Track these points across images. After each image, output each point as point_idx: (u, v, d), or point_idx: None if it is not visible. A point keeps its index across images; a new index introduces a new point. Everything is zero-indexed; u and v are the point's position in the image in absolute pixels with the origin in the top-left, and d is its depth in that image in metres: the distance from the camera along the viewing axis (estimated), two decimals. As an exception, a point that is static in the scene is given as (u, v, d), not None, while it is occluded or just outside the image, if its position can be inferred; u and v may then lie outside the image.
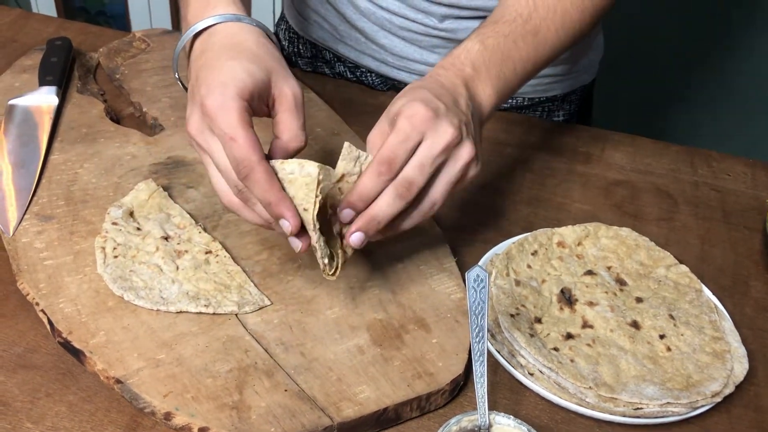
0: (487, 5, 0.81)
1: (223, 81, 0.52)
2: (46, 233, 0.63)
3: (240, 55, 0.55)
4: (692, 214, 0.79)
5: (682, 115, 2.20)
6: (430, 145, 0.53)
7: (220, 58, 0.55)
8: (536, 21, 0.64)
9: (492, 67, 0.61)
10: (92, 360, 0.53)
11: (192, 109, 0.55)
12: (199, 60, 0.56)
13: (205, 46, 0.57)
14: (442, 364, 0.56)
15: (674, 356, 0.59)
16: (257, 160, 0.51)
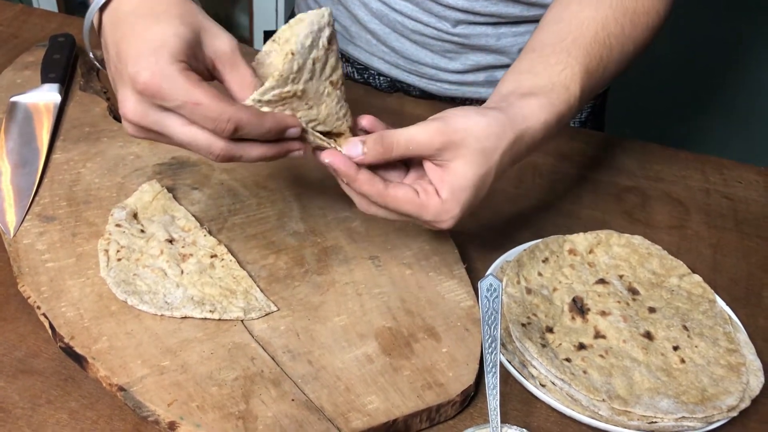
0: (501, 12, 0.80)
1: (151, 49, 0.46)
2: (47, 234, 0.62)
3: (159, 18, 0.48)
4: (704, 223, 0.77)
5: (692, 121, 2.19)
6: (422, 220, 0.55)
7: (137, 26, 0.48)
8: (610, 65, 0.63)
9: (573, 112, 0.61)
10: (95, 366, 0.52)
11: (123, 91, 0.48)
12: (113, 34, 0.49)
13: (116, 17, 0.50)
14: (453, 374, 0.55)
15: (688, 369, 0.58)
16: (234, 109, 0.47)
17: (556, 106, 0.58)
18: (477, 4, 0.79)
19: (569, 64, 0.60)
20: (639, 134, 0.93)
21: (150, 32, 0.47)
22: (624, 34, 0.64)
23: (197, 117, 0.47)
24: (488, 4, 0.79)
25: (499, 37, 0.83)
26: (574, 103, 0.60)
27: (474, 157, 0.53)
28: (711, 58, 2.07)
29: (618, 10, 0.63)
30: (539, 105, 0.57)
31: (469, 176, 0.53)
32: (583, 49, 0.61)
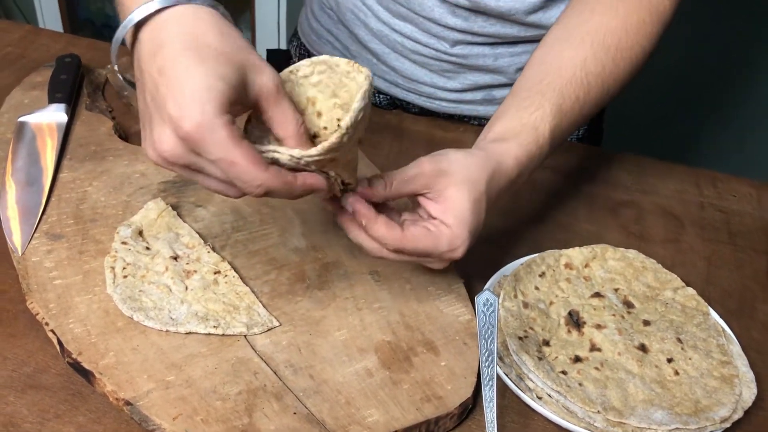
0: (499, 32, 0.82)
1: (197, 96, 0.44)
2: (55, 252, 0.63)
3: (205, 56, 0.45)
4: (698, 236, 0.79)
5: (688, 133, 2.21)
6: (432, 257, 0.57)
7: (180, 62, 0.45)
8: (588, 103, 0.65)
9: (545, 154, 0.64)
10: (102, 381, 0.53)
11: (161, 129, 0.46)
12: (151, 62, 0.46)
13: (156, 43, 0.47)
14: (451, 387, 0.56)
15: (682, 380, 0.59)
16: (266, 176, 0.47)
17: (524, 146, 0.61)
18: (475, 24, 0.81)
19: (541, 105, 0.62)
20: (635, 145, 0.94)
21: (195, 74, 0.45)
22: (605, 73, 0.65)
23: (231, 175, 0.47)
24: (486, 25, 0.81)
25: (497, 57, 0.85)
26: (544, 143, 0.62)
27: (464, 185, 0.56)
28: (707, 70, 2.09)
29: (599, 49, 0.65)
30: (508, 148, 0.61)
31: (465, 201, 0.56)
32: (557, 90, 0.63)
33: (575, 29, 0.66)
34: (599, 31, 0.65)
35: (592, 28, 0.66)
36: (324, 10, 0.94)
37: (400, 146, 0.86)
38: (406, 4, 0.82)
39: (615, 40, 0.65)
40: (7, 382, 0.55)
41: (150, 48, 0.47)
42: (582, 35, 0.65)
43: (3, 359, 0.56)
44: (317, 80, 0.53)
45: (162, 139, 0.46)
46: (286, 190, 0.49)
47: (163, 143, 0.46)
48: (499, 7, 0.79)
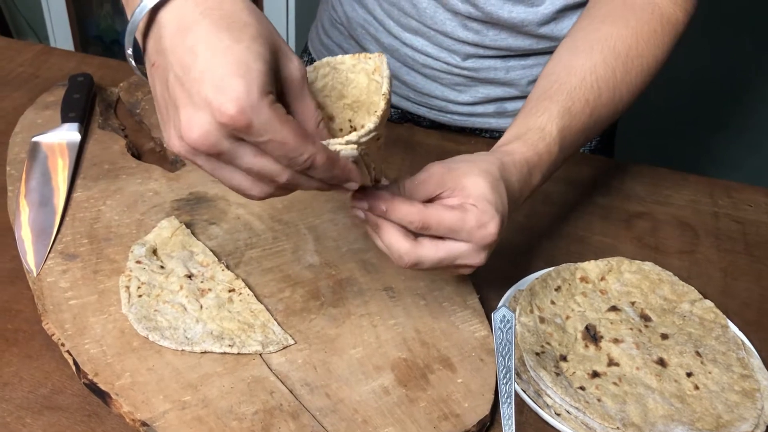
0: (511, 45, 0.82)
1: (237, 75, 0.41)
2: (70, 272, 0.63)
3: (239, 35, 0.42)
4: (714, 247, 0.78)
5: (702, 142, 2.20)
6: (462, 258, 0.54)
7: (213, 40, 0.41)
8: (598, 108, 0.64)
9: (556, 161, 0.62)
10: (118, 402, 0.53)
11: (193, 113, 0.42)
12: (179, 42, 0.42)
13: (184, 22, 0.42)
14: (468, 404, 0.56)
15: (702, 395, 0.58)
16: (314, 148, 0.44)
17: (530, 144, 0.60)
18: (486, 37, 0.81)
19: (547, 108, 0.61)
20: (647, 155, 0.94)
21: (232, 53, 0.41)
22: (615, 78, 0.64)
23: (279, 153, 0.44)
24: (498, 38, 0.81)
25: (508, 69, 0.84)
26: (551, 141, 0.60)
27: (477, 174, 0.54)
28: (719, 78, 2.08)
29: (609, 55, 0.64)
30: (512, 149, 0.59)
31: (483, 184, 0.53)
32: (565, 93, 0.62)
33: (585, 38, 0.66)
34: (609, 38, 0.65)
35: (602, 36, 0.65)
36: (334, 25, 0.94)
37: (412, 159, 0.86)
38: (417, 17, 0.82)
39: (625, 47, 0.65)
40: (23, 403, 0.55)
41: (176, 28, 0.43)
42: (591, 43, 0.65)
43: (19, 380, 0.56)
44: (322, 84, 0.52)
45: (192, 125, 0.42)
46: (328, 167, 0.46)
47: (194, 130, 0.42)
48: (511, 18, 0.79)
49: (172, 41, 0.43)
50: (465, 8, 0.79)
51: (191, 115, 0.42)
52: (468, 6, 0.79)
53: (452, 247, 0.53)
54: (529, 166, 0.59)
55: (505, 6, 0.79)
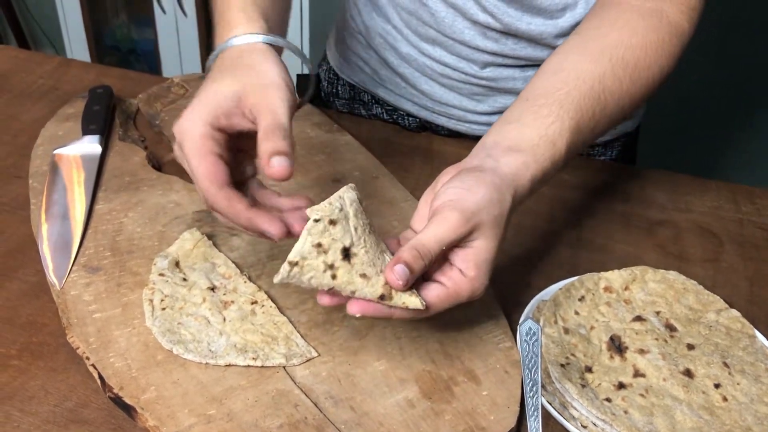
0: (530, 55, 0.82)
1: (199, 101, 0.55)
2: (93, 285, 0.63)
3: (223, 75, 0.56)
4: (738, 255, 0.77)
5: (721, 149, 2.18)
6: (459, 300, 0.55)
7: (209, 80, 0.57)
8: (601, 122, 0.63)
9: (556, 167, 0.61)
10: (144, 416, 0.53)
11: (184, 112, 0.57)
12: (215, 70, 0.59)
13: (215, 66, 0.59)
14: (494, 417, 0.55)
15: (731, 407, 0.58)
16: (215, 191, 0.54)
17: (540, 163, 0.58)
18: (505, 47, 0.81)
19: (560, 117, 0.60)
20: (667, 161, 0.93)
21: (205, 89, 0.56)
22: (621, 90, 0.63)
23: (192, 177, 0.56)
24: (516, 48, 0.81)
25: (527, 79, 0.84)
26: (559, 160, 0.60)
27: (491, 231, 0.54)
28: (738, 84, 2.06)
29: (618, 65, 0.63)
30: (524, 163, 0.58)
31: (491, 248, 0.54)
32: (575, 103, 0.60)
33: (594, 42, 0.65)
34: (619, 47, 0.64)
35: (611, 43, 0.64)
36: (353, 35, 0.94)
37: (431, 168, 0.86)
38: (436, 27, 0.82)
39: (634, 58, 0.64)
40: (49, 417, 0.55)
41: (216, 63, 0.60)
42: (601, 49, 0.64)
43: (45, 394, 0.56)
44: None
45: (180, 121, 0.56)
46: (230, 210, 0.54)
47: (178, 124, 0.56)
48: (530, 30, 0.78)
49: (210, 73, 0.60)
50: (484, 18, 0.79)
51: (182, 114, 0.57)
52: (487, 16, 0.79)
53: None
54: (532, 186, 0.59)
55: (524, 18, 0.78)
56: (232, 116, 0.55)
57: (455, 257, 0.54)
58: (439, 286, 0.54)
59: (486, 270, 0.54)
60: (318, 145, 0.85)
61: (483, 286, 0.54)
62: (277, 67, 0.57)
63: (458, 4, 0.80)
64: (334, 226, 0.50)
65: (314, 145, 0.85)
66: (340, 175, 0.81)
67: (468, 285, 0.54)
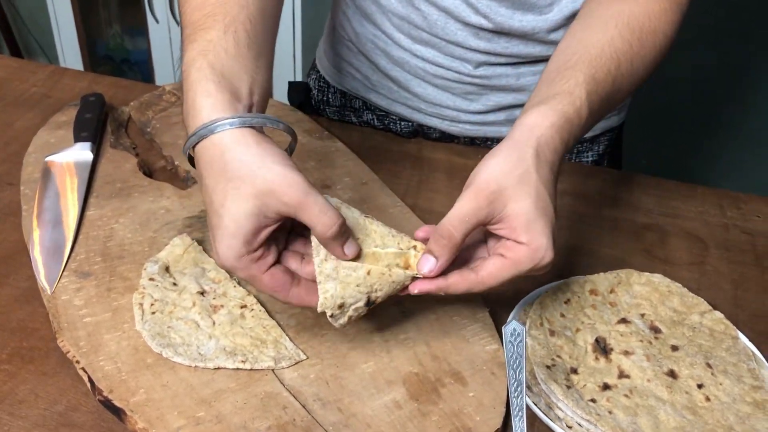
0: (522, 52, 0.83)
1: (228, 233, 0.52)
2: (84, 290, 0.64)
3: (237, 190, 0.51)
4: (723, 258, 0.78)
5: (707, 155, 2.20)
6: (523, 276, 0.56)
7: (220, 191, 0.52)
8: (618, 78, 0.64)
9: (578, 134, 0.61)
10: (133, 419, 0.54)
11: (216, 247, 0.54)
12: (204, 176, 0.54)
13: (201, 165, 0.54)
14: (480, 418, 0.56)
15: (714, 407, 0.58)
16: (285, 292, 0.55)
17: (558, 109, 0.58)
18: (498, 45, 0.82)
19: (573, 75, 0.61)
20: (654, 167, 0.94)
21: (227, 210, 0.52)
22: (632, 51, 0.65)
23: (264, 291, 0.56)
24: (509, 46, 0.82)
25: (519, 76, 0.85)
26: (582, 105, 0.59)
27: (521, 190, 0.54)
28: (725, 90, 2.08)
29: (625, 30, 0.65)
30: (540, 113, 0.58)
31: (528, 208, 0.54)
32: (587, 62, 0.62)
33: (598, 16, 0.67)
34: (622, 15, 0.66)
35: (615, 12, 0.66)
36: (343, 42, 0.95)
37: (420, 175, 0.87)
38: (429, 30, 0.83)
39: (638, 23, 0.66)
40: (39, 420, 0.55)
41: (206, 163, 0.53)
42: (606, 19, 0.66)
43: (35, 397, 0.57)
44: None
45: (217, 254, 0.54)
46: (301, 302, 0.56)
47: (218, 257, 0.54)
48: (522, 27, 0.80)
49: (202, 170, 0.54)
50: (476, 20, 0.80)
51: (216, 247, 0.54)
52: (479, 17, 0.80)
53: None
54: (561, 134, 0.58)
55: (515, 15, 0.80)
56: (260, 230, 0.53)
57: (501, 230, 0.55)
58: (497, 258, 0.55)
59: (540, 231, 0.54)
60: (309, 152, 0.86)
61: (545, 249, 0.54)
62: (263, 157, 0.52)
63: (450, 8, 0.81)
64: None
65: (305, 152, 0.86)
66: (331, 181, 0.82)
67: (525, 252, 0.54)
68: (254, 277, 0.54)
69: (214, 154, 0.53)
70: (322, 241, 0.54)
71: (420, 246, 0.56)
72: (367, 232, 0.56)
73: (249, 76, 0.57)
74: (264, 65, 0.59)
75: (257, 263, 0.54)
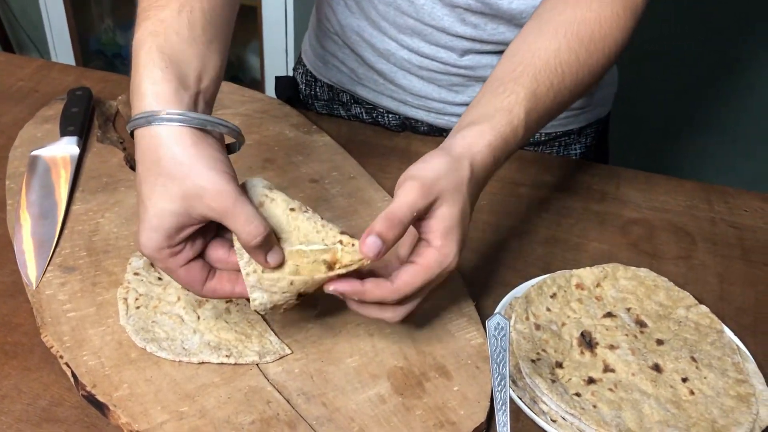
0: (509, 39, 0.82)
1: (150, 226, 0.52)
2: (69, 285, 0.64)
3: (164, 187, 0.51)
4: (710, 252, 0.78)
5: (695, 149, 2.20)
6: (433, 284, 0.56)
7: (147, 185, 0.52)
8: (561, 91, 0.65)
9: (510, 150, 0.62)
10: (116, 413, 0.54)
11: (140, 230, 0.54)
12: (140, 165, 0.53)
13: (137, 150, 0.53)
14: (464, 412, 0.56)
15: (698, 400, 0.59)
16: (198, 287, 0.56)
17: (498, 129, 0.59)
18: (484, 32, 0.82)
19: (515, 90, 0.61)
20: (642, 161, 0.94)
21: (158, 207, 0.52)
22: (578, 62, 0.65)
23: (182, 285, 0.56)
24: (495, 32, 0.82)
25: None
26: (519, 125, 0.61)
27: (452, 197, 0.55)
28: (713, 84, 2.08)
29: (573, 39, 0.65)
30: (479, 131, 0.59)
31: (454, 215, 0.55)
32: (531, 76, 0.62)
33: (549, 21, 0.67)
34: (573, 22, 0.65)
35: (566, 19, 0.66)
36: (328, 35, 0.95)
37: (408, 169, 0.87)
38: (416, 15, 0.83)
39: (588, 31, 0.66)
40: (22, 416, 0.55)
41: (142, 150, 0.53)
42: (555, 26, 0.66)
43: (18, 393, 0.57)
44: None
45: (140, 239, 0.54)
46: (218, 295, 0.56)
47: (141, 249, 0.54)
48: (511, 9, 0.79)
49: (138, 158, 0.53)
50: (465, 1, 0.80)
51: (138, 235, 0.54)
52: None
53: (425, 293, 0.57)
54: (495, 155, 0.60)
55: None
56: (183, 228, 0.53)
57: (423, 230, 0.56)
58: (409, 266, 0.55)
59: (453, 239, 0.55)
60: (296, 146, 0.86)
61: (452, 256, 0.55)
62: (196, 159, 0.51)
63: None
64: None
65: (292, 146, 0.86)
66: (319, 176, 0.82)
67: (435, 255, 0.54)
68: (170, 270, 0.55)
69: (149, 145, 0.52)
70: (246, 249, 0.53)
71: (346, 240, 0.54)
72: (289, 229, 0.55)
73: (199, 61, 0.55)
74: (218, 48, 0.57)
75: (175, 257, 0.54)
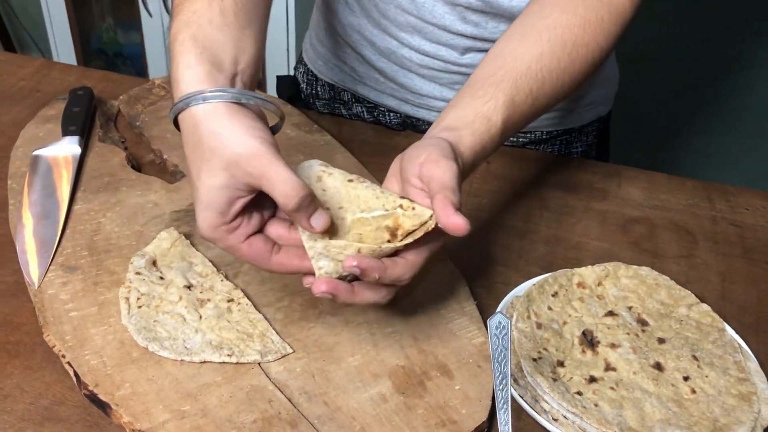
0: None
1: (203, 205, 0.53)
2: (71, 284, 0.64)
3: (208, 163, 0.52)
4: (712, 251, 0.78)
5: (696, 148, 2.20)
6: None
7: (194, 165, 0.53)
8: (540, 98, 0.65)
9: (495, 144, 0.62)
10: (118, 412, 0.54)
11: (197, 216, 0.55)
12: (186, 150, 0.55)
13: (183, 137, 0.55)
14: (466, 411, 0.56)
15: (699, 399, 0.59)
16: (266, 261, 0.55)
17: (477, 135, 0.60)
18: (485, 30, 0.82)
19: (494, 96, 0.61)
20: (643, 160, 0.94)
21: (203, 186, 0.53)
22: (560, 68, 0.65)
23: (245, 260, 0.56)
24: (496, 31, 0.81)
25: None
26: (496, 133, 0.61)
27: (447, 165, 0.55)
28: (714, 82, 2.08)
29: (556, 44, 0.65)
30: (458, 137, 0.59)
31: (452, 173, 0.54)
32: (511, 81, 0.62)
33: (533, 25, 0.67)
34: (557, 27, 0.65)
35: (550, 24, 0.66)
36: (329, 34, 0.95)
37: (409, 168, 0.87)
38: (416, 13, 0.83)
39: (572, 36, 0.65)
40: (25, 414, 0.55)
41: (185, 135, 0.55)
42: (539, 31, 0.65)
43: (21, 392, 0.57)
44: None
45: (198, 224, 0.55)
46: (284, 269, 0.56)
47: (200, 232, 0.55)
48: (511, 8, 0.79)
49: (185, 143, 0.55)
50: None
51: (197, 218, 0.54)
52: None
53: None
54: (474, 157, 0.60)
55: None
56: (233, 202, 0.53)
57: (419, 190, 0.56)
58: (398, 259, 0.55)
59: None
60: (297, 145, 0.86)
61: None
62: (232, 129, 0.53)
63: None
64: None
65: (293, 146, 0.86)
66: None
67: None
68: (232, 247, 0.55)
69: (190, 127, 0.54)
70: (286, 213, 0.53)
71: (406, 204, 0.54)
72: (350, 198, 0.56)
73: (233, 45, 0.56)
74: (252, 34, 0.59)
75: (234, 233, 0.54)
